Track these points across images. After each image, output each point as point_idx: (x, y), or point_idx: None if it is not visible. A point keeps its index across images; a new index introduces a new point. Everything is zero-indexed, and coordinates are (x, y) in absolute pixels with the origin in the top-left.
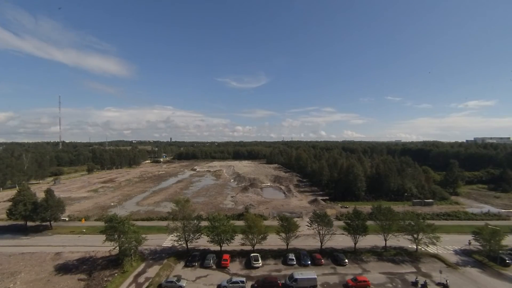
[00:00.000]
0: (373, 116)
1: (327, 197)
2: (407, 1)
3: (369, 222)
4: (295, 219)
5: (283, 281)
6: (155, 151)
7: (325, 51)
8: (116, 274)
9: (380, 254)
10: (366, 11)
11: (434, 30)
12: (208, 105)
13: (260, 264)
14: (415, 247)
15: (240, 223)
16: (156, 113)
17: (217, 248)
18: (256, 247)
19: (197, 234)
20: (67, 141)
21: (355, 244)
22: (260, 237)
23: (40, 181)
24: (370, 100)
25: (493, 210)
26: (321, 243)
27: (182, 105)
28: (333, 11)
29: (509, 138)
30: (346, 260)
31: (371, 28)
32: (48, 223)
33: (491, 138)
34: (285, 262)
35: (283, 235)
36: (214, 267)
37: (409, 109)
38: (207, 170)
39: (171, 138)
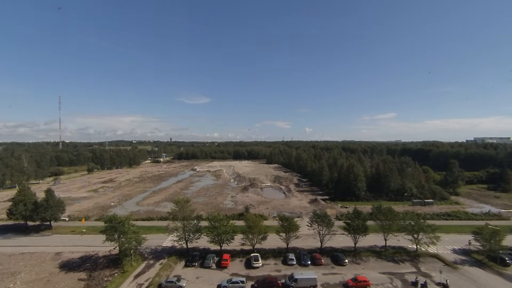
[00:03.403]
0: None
1: (327, 197)
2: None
3: (369, 222)
4: (295, 219)
5: (283, 281)
6: (155, 151)
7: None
8: (116, 274)
9: (380, 254)
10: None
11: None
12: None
13: (260, 264)
14: (415, 247)
15: (240, 223)
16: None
17: (217, 248)
18: (256, 247)
19: (197, 234)
20: (67, 141)
21: (355, 244)
22: (260, 237)
23: (40, 181)
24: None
25: (494, 210)
26: (321, 243)
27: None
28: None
29: (509, 138)
30: (346, 260)
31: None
32: (48, 223)
33: (491, 138)
34: (285, 262)
35: (283, 235)
36: (214, 267)
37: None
38: (207, 170)
39: (171, 138)
